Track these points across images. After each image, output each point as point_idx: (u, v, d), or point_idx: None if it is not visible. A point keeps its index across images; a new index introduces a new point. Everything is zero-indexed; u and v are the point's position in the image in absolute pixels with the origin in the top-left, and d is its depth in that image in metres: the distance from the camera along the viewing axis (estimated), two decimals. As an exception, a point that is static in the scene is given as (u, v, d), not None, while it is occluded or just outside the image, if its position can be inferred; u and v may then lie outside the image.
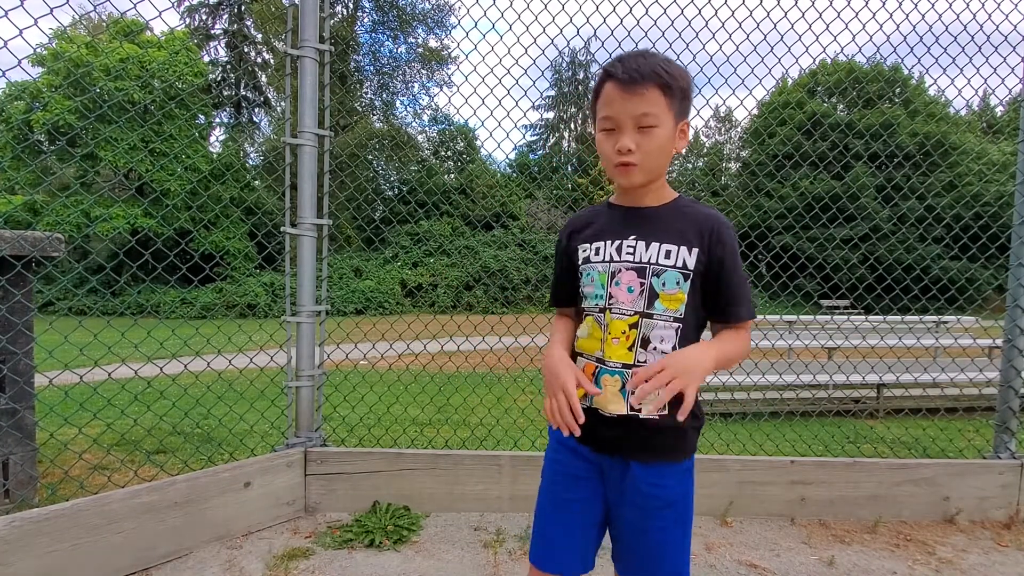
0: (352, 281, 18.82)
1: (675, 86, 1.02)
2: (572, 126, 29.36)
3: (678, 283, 1.05)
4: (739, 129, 27.15)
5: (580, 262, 1.14)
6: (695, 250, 1.06)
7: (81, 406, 2.49)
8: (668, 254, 1.06)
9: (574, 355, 1.15)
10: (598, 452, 1.12)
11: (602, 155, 1.07)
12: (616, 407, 1.06)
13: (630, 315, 1.06)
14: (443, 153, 23.99)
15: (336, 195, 2.70)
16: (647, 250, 1.07)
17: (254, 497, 2.28)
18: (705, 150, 27.44)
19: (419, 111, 25.45)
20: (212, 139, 23.07)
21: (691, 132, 1.14)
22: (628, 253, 1.08)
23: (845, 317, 7.42)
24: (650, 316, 1.05)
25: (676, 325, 1.05)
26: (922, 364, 3.38)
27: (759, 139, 20.89)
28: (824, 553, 2.23)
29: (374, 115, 23.79)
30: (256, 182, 20.11)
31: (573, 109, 29.07)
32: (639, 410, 1.05)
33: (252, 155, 24.51)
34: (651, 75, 1.00)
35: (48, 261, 2.44)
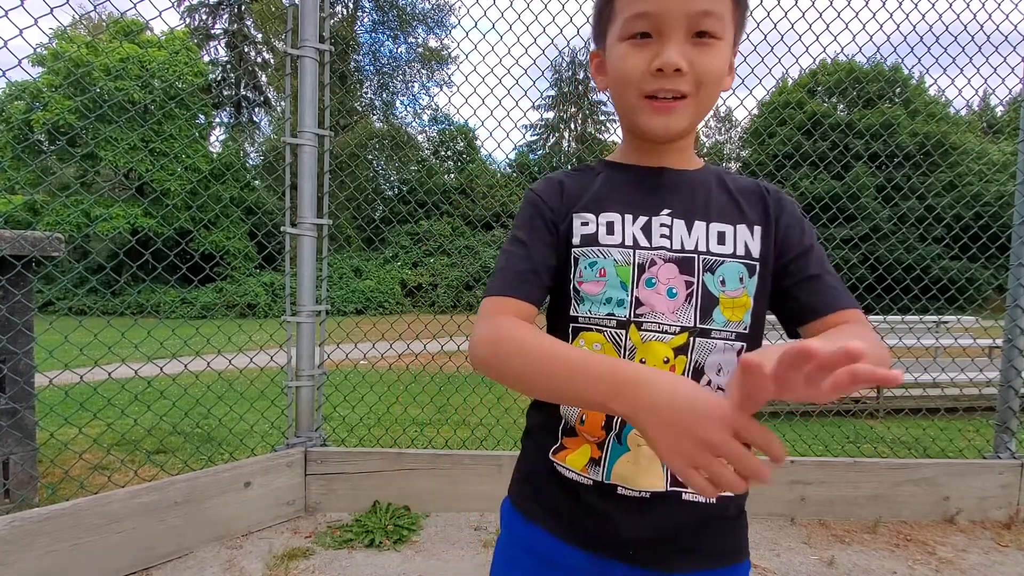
0: (352, 281, 18.82)
1: None
2: (572, 126, 29.35)
3: (741, 280, 0.71)
4: (739, 129, 27.16)
5: (577, 241, 0.73)
6: (758, 229, 0.73)
7: (81, 406, 2.49)
8: (722, 237, 0.72)
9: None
10: (607, 558, 0.70)
11: (622, 80, 0.69)
12: (650, 480, 0.69)
13: (676, 333, 0.69)
14: (443, 153, 23.98)
15: (336, 195, 2.70)
16: (691, 232, 0.72)
17: (254, 497, 2.28)
18: (705, 150, 27.45)
19: (419, 111, 25.46)
20: (212, 139, 23.08)
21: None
22: (663, 236, 0.71)
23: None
24: (706, 334, 0.69)
25: (740, 345, 0.70)
26: (922, 364, 3.38)
27: (759, 139, 20.89)
28: (824, 553, 2.23)
29: (374, 115, 23.78)
30: (256, 182, 20.11)
31: (573, 109, 29.05)
32: (682, 486, 0.68)
33: (252, 155, 24.53)
34: None
35: (48, 261, 2.44)
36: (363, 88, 24.41)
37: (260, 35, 25.44)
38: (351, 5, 24.33)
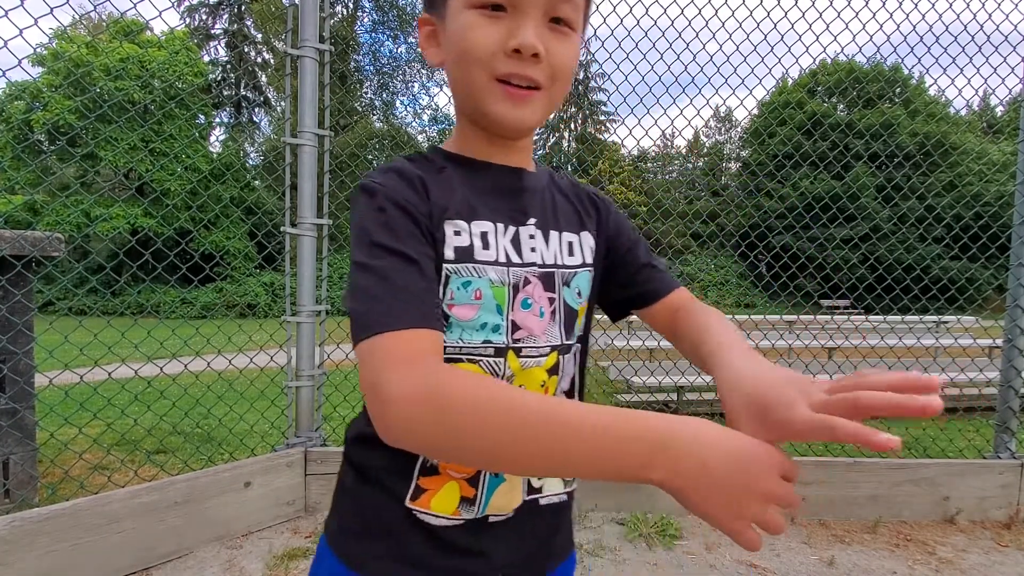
0: (352, 281, 18.81)
1: None
2: (572, 126, 29.36)
3: (591, 287, 0.72)
4: (739, 129, 27.16)
5: (452, 256, 0.60)
6: (593, 234, 0.73)
7: (81, 406, 2.49)
8: (572, 247, 0.70)
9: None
10: None
11: (467, 56, 0.58)
12: (517, 498, 0.66)
13: (547, 355, 0.65)
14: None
15: (336, 195, 2.70)
16: (548, 244, 0.68)
17: (254, 497, 2.28)
18: (705, 150, 27.45)
19: (419, 111, 25.52)
20: (212, 139, 23.08)
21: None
22: (532, 249, 0.66)
23: (845, 317, 7.42)
24: (568, 349, 0.68)
25: (579, 347, 0.71)
26: (922, 364, 3.38)
27: (759, 139, 20.89)
28: (824, 553, 2.23)
29: (374, 115, 23.80)
30: (256, 182, 20.11)
31: (573, 109, 29.06)
32: (540, 489, 0.68)
33: (252, 155, 24.54)
34: None
35: (48, 261, 2.44)
36: (363, 88, 24.44)
37: (260, 35, 25.46)
38: (351, 5, 24.35)
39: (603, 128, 28.98)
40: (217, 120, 25.55)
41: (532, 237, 0.66)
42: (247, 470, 2.27)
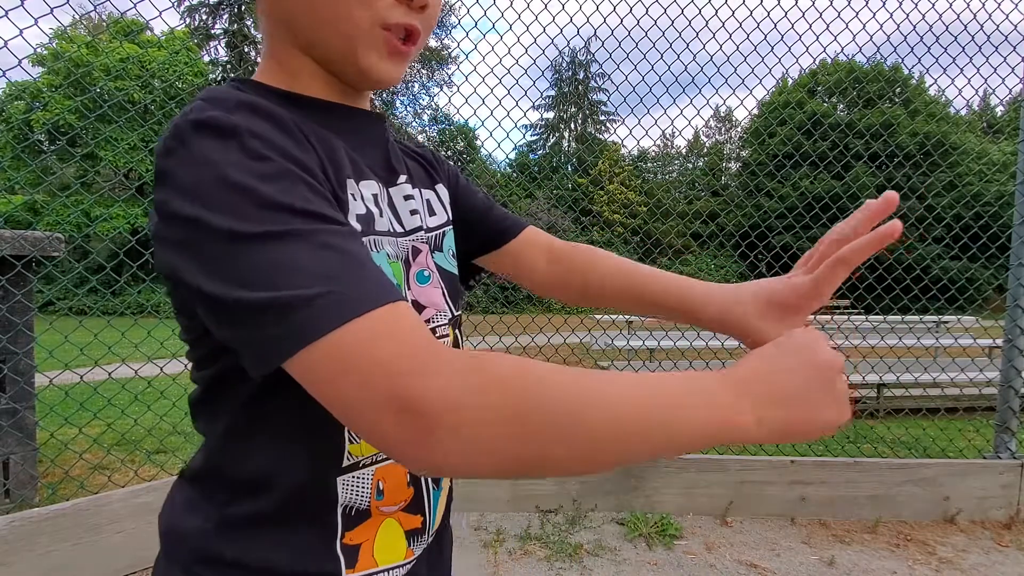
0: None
1: None
2: (572, 126, 29.36)
3: (455, 247, 0.64)
4: (739, 129, 27.17)
5: (355, 227, 0.48)
6: (442, 186, 0.65)
7: (81, 406, 2.49)
8: (431, 205, 0.61)
9: (324, 480, 0.47)
10: None
11: (339, 3, 0.46)
12: (442, 506, 0.57)
13: (449, 332, 0.58)
14: (443, 153, 24.01)
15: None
16: (423, 202, 0.60)
17: (254, 497, 2.28)
18: (705, 150, 27.46)
19: (419, 111, 25.49)
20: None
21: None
22: (412, 211, 0.56)
23: (845, 317, 7.42)
24: (458, 322, 0.61)
25: (459, 317, 0.63)
26: (922, 364, 3.38)
27: (759, 139, 20.89)
28: (824, 553, 2.23)
29: (374, 115, 23.78)
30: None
31: (573, 109, 29.06)
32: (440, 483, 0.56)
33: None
34: None
35: (48, 261, 2.44)
36: (363, 88, 24.41)
37: (260, 35, 25.46)
38: (351, 5, 24.33)
39: (603, 128, 28.98)
40: (217, 120, 25.54)
41: (409, 198, 0.56)
42: (247, 470, 2.27)
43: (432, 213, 0.60)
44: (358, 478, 0.47)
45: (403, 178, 0.56)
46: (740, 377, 0.39)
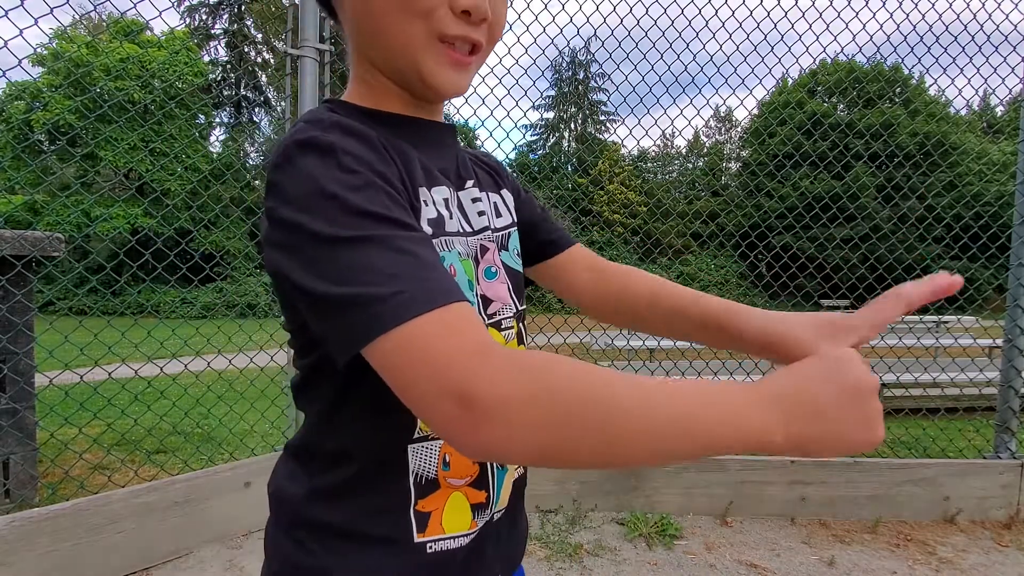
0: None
1: None
2: (572, 126, 29.36)
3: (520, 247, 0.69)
4: (739, 129, 27.16)
5: (427, 230, 0.53)
6: (507, 191, 0.70)
7: (81, 406, 2.49)
8: (498, 208, 0.66)
9: (398, 451, 0.52)
10: None
11: (405, 9, 0.49)
12: (509, 485, 0.60)
13: (514, 325, 0.62)
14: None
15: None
16: (490, 204, 0.65)
17: (254, 497, 2.28)
18: (705, 150, 27.45)
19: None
20: (212, 139, 23.10)
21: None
22: (480, 213, 0.61)
23: (845, 317, 7.40)
24: (523, 316, 0.65)
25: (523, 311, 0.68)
26: (922, 364, 3.38)
27: (759, 139, 20.89)
28: (824, 553, 2.23)
29: (374, 115, 23.76)
30: (256, 182, 20.11)
31: (573, 109, 29.06)
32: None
33: (252, 155, 24.53)
34: None
35: (48, 261, 2.44)
36: (363, 88, 24.39)
37: (260, 35, 25.46)
38: (351, 5, 24.30)
39: (603, 128, 28.98)
40: (217, 120, 25.56)
41: (477, 200, 0.62)
42: (247, 470, 2.27)
43: (498, 215, 0.65)
44: (426, 448, 0.52)
45: (471, 183, 0.62)
46: (772, 393, 0.39)
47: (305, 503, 0.54)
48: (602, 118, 29.09)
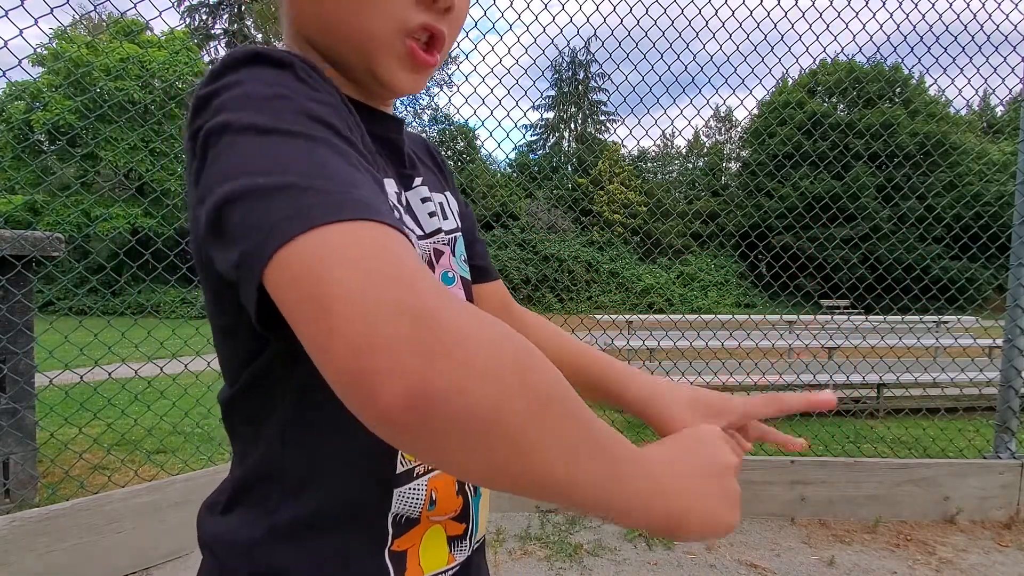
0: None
1: None
2: (572, 126, 29.36)
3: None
4: (739, 129, 27.16)
5: None
6: (450, 194, 0.63)
7: (81, 406, 2.49)
8: (444, 209, 0.59)
9: (385, 484, 0.45)
10: None
11: (369, 16, 0.43)
12: (484, 512, 0.55)
13: None
14: (443, 153, 24.01)
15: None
16: (437, 205, 0.57)
17: (254, 497, 2.28)
18: (705, 150, 27.45)
19: (419, 111, 25.49)
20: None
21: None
22: (431, 213, 0.54)
23: (845, 317, 7.43)
24: None
25: None
26: (922, 364, 3.38)
27: (759, 139, 20.89)
28: (824, 553, 2.23)
29: (374, 115, 23.78)
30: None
31: (573, 109, 29.06)
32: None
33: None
34: None
35: (48, 261, 2.44)
36: (363, 88, 24.42)
37: (260, 35, 25.46)
38: (351, 5, 24.33)
39: (603, 128, 28.99)
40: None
41: (426, 200, 0.54)
42: (247, 470, 2.27)
43: (445, 217, 0.58)
44: (414, 489, 0.46)
45: (419, 180, 0.55)
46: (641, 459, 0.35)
47: (263, 548, 0.43)
48: (602, 118, 29.11)
